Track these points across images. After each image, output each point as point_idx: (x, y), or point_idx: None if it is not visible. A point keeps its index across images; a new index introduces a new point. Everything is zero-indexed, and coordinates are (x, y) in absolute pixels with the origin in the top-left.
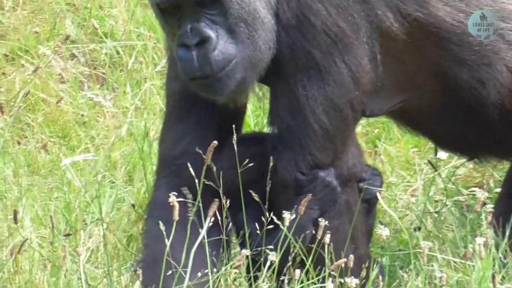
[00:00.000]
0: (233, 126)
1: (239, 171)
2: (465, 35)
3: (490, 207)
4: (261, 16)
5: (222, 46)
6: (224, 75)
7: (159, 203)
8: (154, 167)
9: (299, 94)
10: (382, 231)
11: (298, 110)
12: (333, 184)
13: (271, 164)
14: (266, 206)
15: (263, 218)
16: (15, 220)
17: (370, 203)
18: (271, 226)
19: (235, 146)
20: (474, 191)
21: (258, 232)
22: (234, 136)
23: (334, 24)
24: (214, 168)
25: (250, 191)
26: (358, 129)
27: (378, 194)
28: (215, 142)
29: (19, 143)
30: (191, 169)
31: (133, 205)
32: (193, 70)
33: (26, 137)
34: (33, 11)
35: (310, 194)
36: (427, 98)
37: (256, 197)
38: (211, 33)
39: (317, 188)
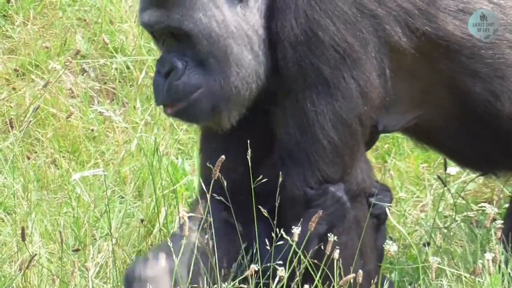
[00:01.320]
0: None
1: (252, 186)
2: (476, 48)
3: (499, 223)
4: (234, 52)
5: (186, 77)
6: (188, 103)
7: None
8: (164, 182)
9: (308, 110)
10: (390, 247)
11: (307, 126)
12: (343, 199)
13: (280, 179)
14: (275, 222)
15: (272, 234)
16: (23, 237)
17: (379, 218)
18: (280, 242)
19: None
20: (484, 206)
21: (267, 247)
22: None
23: (342, 40)
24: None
25: (259, 206)
26: None
27: (387, 209)
28: (223, 156)
29: (28, 158)
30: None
31: (142, 220)
32: (161, 96)
33: (36, 152)
34: (43, 26)
35: (320, 209)
36: (441, 112)
37: (265, 212)
38: (179, 64)
39: (326, 203)
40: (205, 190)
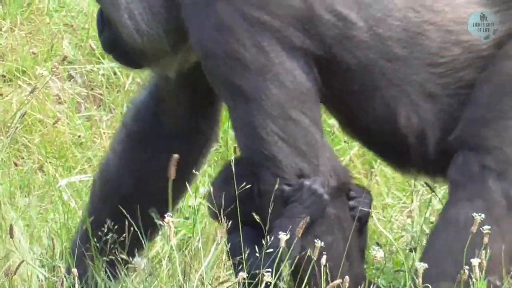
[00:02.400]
0: None
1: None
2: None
3: (486, 228)
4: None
5: (105, 32)
6: (114, 56)
7: None
8: None
9: (239, 116)
10: (377, 252)
11: (250, 128)
12: (319, 191)
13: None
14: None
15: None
16: (11, 234)
17: (361, 221)
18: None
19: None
20: None
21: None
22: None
23: (235, 50)
24: None
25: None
26: (355, 150)
27: (369, 212)
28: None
29: (16, 164)
30: None
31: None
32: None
33: (23, 158)
34: (30, 32)
35: (298, 204)
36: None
37: (258, 218)
38: (99, 20)
39: (303, 196)
40: None
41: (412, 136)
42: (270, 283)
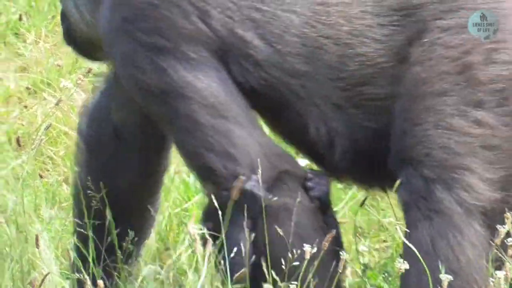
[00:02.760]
0: None
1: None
2: None
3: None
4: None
5: (64, 24)
6: (73, 44)
7: None
8: (177, 199)
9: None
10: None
11: (180, 148)
12: (254, 192)
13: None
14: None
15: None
16: (37, 245)
17: (320, 200)
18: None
19: None
20: None
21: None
22: None
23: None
24: None
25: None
26: None
27: (328, 191)
28: None
29: (41, 176)
30: None
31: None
32: None
33: (48, 170)
34: (55, 44)
35: (241, 213)
36: None
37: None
38: (61, 14)
39: (241, 202)
40: None
41: (321, 145)
42: None
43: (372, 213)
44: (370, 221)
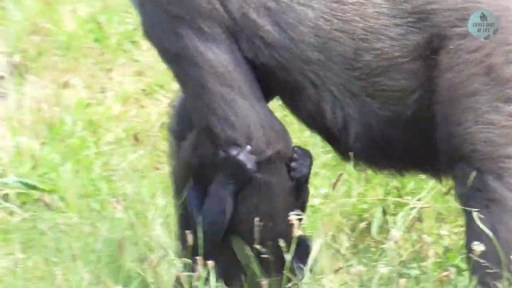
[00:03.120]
0: None
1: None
2: None
3: None
4: None
5: None
6: None
7: None
8: None
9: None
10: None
11: (189, 104)
12: (242, 161)
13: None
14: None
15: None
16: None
17: (299, 181)
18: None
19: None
20: None
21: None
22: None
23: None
24: None
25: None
26: None
27: (309, 172)
28: None
29: (156, 168)
30: None
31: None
32: None
33: (163, 163)
34: None
35: (224, 174)
36: None
37: None
38: None
39: (228, 166)
40: None
41: (336, 128)
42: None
43: (451, 201)
44: (450, 208)
